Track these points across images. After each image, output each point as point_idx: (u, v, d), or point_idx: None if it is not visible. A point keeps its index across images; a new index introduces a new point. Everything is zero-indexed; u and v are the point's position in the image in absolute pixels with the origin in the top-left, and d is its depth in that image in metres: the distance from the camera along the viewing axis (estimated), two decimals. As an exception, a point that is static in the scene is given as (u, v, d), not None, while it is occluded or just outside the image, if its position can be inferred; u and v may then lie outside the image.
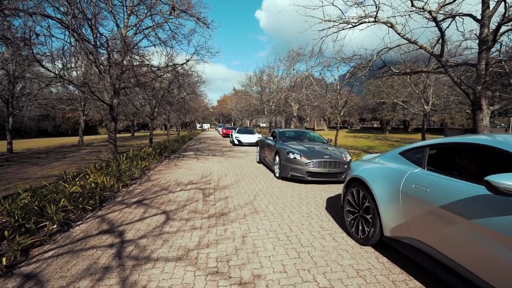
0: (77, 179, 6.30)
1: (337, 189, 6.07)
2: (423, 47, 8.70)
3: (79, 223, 4.10)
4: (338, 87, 17.12)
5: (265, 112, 33.20)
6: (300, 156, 6.44)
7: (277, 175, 7.12)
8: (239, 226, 3.78)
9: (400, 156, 2.94)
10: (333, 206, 4.74)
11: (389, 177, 2.82)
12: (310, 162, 6.28)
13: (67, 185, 5.64)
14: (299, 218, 4.08)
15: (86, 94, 19.30)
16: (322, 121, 68.70)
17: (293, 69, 28.26)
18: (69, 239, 3.46)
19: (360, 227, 3.15)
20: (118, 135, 41.88)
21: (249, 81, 36.15)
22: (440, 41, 8.14)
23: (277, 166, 7.20)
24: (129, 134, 43.90)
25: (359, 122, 63.14)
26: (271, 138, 8.67)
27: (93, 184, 5.98)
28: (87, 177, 6.75)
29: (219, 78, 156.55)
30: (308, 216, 4.17)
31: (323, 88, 21.55)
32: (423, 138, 24.34)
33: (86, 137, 34.75)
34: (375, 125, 67.84)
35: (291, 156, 6.55)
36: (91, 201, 5.18)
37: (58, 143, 24.87)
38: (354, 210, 3.34)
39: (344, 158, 6.58)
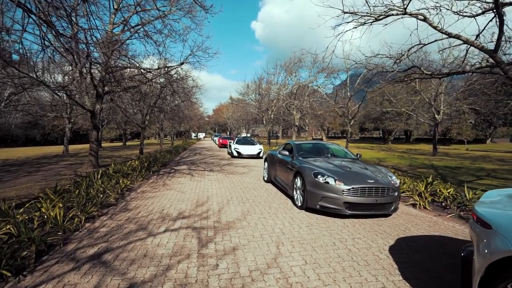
0: (21, 210, 4.45)
1: (388, 226, 4.28)
2: (468, 42, 7.10)
3: (-24, 311, 2.26)
4: (349, 94, 15.59)
5: (264, 121, 31.50)
6: (335, 180, 4.61)
7: (299, 203, 5.27)
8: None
9: None
10: (410, 268, 2.94)
11: None
12: (349, 189, 4.45)
13: (-5, 225, 3.78)
14: (373, 309, 2.27)
15: (63, 98, 17.44)
16: (320, 131, 67.21)
17: (295, 76, 26.85)
18: None
19: None
20: (109, 145, 39.81)
21: (247, 89, 34.62)
22: (497, 32, 6.54)
23: (297, 192, 5.37)
24: (121, 144, 41.73)
25: (359, 131, 61.81)
26: (286, 152, 6.71)
27: (40, 220, 4.14)
28: (39, 206, 4.89)
29: (215, 87, 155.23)
30: (388, 303, 2.35)
31: (328, 96, 20.03)
32: (435, 149, 22.73)
33: (75, 146, 32.60)
34: (374, 135, 66.61)
35: (321, 179, 4.72)
36: (24, 253, 3.32)
37: (41, 153, 22.78)
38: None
39: (393, 183, 4.79)
